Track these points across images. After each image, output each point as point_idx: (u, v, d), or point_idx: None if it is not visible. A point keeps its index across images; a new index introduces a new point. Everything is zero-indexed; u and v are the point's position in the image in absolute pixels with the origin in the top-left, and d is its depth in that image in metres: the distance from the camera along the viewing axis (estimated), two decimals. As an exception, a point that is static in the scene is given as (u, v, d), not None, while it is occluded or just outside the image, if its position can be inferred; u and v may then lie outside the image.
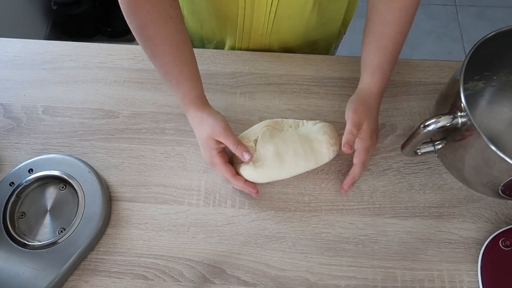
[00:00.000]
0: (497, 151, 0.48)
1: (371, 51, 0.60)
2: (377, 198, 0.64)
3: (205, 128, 0.59)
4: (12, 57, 0.75)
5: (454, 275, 0.59)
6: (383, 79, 0.60)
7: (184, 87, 0.59)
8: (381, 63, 0.60)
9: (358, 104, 0.59)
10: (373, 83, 0.60)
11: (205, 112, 0.60)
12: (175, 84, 0.59)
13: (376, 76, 0.60)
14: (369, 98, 0.60)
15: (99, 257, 0.60)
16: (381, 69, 0.60)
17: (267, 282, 0.59)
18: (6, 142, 0.68)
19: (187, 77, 0.59)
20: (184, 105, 0.61)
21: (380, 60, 0.60)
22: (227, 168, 0.60)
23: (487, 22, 1.92)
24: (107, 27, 1.82)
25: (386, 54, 0.60)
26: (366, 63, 0.61)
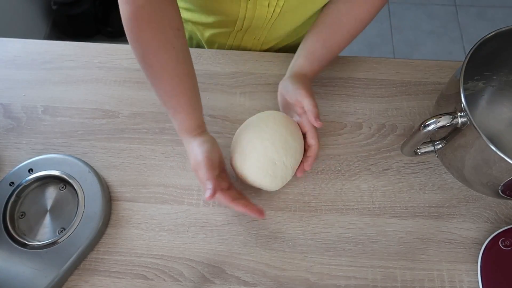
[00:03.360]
0: (497, 151, 0.48)
1: (316, 42, 0.64)
2: (377, 198, 0.64)
3: (192, 157, 0.58)
4: (12, 57, 0.75)
5: (454, 275, 0.59)
6: (317, 71, 0.65)
7: (180, 117, 0.59)
8: (321, 58, 0.65)
9: (303, 82, 0.62)
10: (309, 70, 0.64)
11: (196, 141, 0.58)
12: (172, 113, 0.59)
13: (314, 66, 0.64)
14: (306, 80, 0.63)
15: (99, 257, 0.60)
16: (320, 63, 0.65)
17: (267, 282, 0.59)
18: (6, 142, 0.68)
19: (185, 108, 0.59)
20: (180, 133, 0.60)
21: (322, 54, 0.64)
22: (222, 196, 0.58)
23: (487, 22, 1.92)
24: (107, 27, 1.82)
25: (328, 51, 0.65)
26: (308, 52, 0.65)
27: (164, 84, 0.57)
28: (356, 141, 0.68)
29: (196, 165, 0.57)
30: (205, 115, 0.70)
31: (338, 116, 0.70)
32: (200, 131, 0.60)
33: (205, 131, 0.61)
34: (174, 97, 0.58)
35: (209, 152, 0.57)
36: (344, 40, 0.64)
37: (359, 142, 0.68)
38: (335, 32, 0.63)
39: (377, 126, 0.69)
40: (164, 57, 0.56)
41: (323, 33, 0.64)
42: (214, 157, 0.58)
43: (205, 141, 0.59)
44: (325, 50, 0.64)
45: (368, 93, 0.72)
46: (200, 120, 0.60)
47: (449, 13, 1.95)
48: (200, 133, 0.60)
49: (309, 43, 0.65)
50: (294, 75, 0.63)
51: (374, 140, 0.68)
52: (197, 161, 0.57)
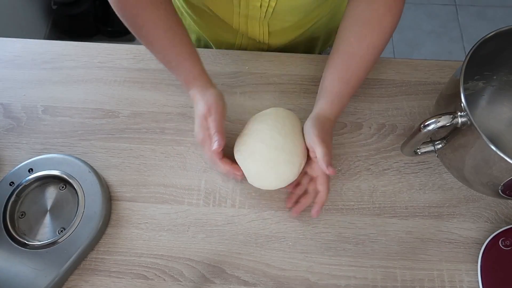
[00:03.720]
0: (497, 151, 0.48)
1: (333, 80, 0.62)
2: (377, 198, 0.64)
3: (202, 105, 0.58)
4: (12, 57, 0.75)
5: (454, 274, 0.59)
6: (340, 109, 0.62)
7: (185, 66, 0.59)
8: (341, 94, 0.61)
9: (320, 128, 0.59)
10: (330, 111, 0.61)
11: (209, 91, 0.59)
12: (175, 65, 0.60)
13: (335, 105, 0.61)
14: (328, 125, 0.61)
15: (99, 257, 0.60)
16: (340, 100, 0.62)
17: (267, 282, 0.59)
18: (6, 141, 0.68)
19: (186, 56, 0.60)
20: (187, 84, 0.60)
21: (341, 90, 0.61)
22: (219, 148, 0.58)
23: (487, 22, 1.92)
24: (107, 26, 1.82)
25: (347, 86, 0.61)
26: (327, 90, 0.62)
27: (160, 38, 0.58)
28: (356, 141, 0.68)
29: (207, 112, 0.57)
30: (205, 115, 0.70)
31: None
32: (208, 80, 0.61)
33: (213, 84, 0.61)
34: (173, 48, 0.59)
35: (222, 105, 0.58)
36: (360, 70, 0.61)
37: (359, 142, 0.68)
38: (349, 65, 0.61)
39: (377, 126, 0.69)
40: (155, 13, 0.57)
41: (338, 69, 0.62)
42: (224, 110, 0.58)
43: (218, 94, 0.60)
44: (343, 85, 0.61)
45: (368, 93, 0.72)
46: (204, 69, 0.61)
47: (449, 13, 1.95)
48: (210, 83, 0.60)
49: (327, 83, 0.62)
50: (315, 117, 0.61)
51: (374, 140, 0.68)
52: (210, 109, 0.57)
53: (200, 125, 0.59)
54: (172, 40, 0.59)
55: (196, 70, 0.60)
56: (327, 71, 0.63)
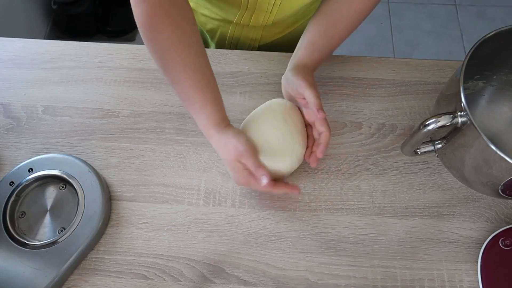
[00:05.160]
0: (497, 151, 0.48)
1: (317, 32, 0.64)
2: (377, 198, 0.64)
3: (230, 149, 0.57)
4: (12, 56, 0.75)
5: (454, 274, 0.59)
6: (319, 62, 0.65)
7: (207, 110, 0.58)
8: (322, 48, 0.64)
9: (303, 74, 0.61)
10: (310, 61, 0.63)
11: (229, 133, 0.59)
12: (199, 108, 0.58)
13: (315, 56, 0.64)
14: (306, 71, 0.62)
15: (99, 257, 0.60)
16: (320, 53, 0.64)
17: (267, 282, 0.59)
18: (6, 141, 0.68)
19: (211, 101, 0.58)
20: (207, 129, 0.59)
21: (323, 44, 0.64)
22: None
23: (487, 21, 1.92)
24: (107, 26, 1.82)
25: (329, 42, 0.64)
26: (308, 42, 0.64)
27: (187, 79, 0.57)
28: (356, 140, 0.68)
29: (240, 155, 0.57)
30: (205, 114, 0.70)
31: (338, 116, 0.70)
32: (228, 123, 0.60)
33: (231, 125, 0.61)
34: (199, 91, 0.58)
35: (249, 142, 0.58)
36: (344, 30, 0.64)
37: (359, 142, 0.68)
38: (334, 22, 0.63)
39: (377, 125, 0.69)
40: (185, 52, 0.56)
41: (323, 24, 0.64)
42: (252, 146, 0.58)
43: (239, 133, 0.59)
44: (325, 40, 0.64)
45: (368, 92, 0.72)
46: (225, 114, 0.61)
47: (449, 13, 1.95)
48: (229, 126, 0.60)
49: (309, 34, 0.64)
50: (294, 67, 0.63)
51: (374, 139, 0.68)
52: (240, 151, 0.57)
53: (235, 169, 0.58)
54: (199, 82, 0.58)
55: (218, 115, 0.59)
56: (311, 23, 0.65)
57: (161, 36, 0.55)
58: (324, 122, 0.60)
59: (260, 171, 0.56)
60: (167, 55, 0.56)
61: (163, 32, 0.54)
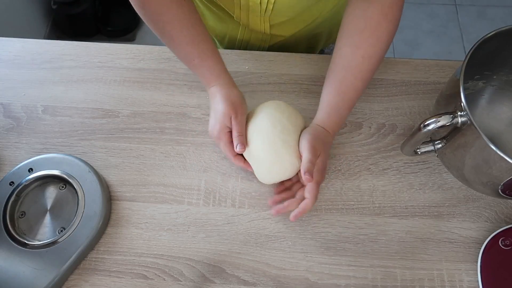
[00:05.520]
0: (497, 151, 0.48)
1: (330, 93, 0.62)
2: (377, 198, 0.64)
3: (227, 104, 0.59)
4: (12, 56, 0.75)
5: (454, 274, 0.59)
6: (338, 121, 0.62)
7: (208, 63, 0.60)
8: (338, 106, 0.61)
9: (314, 137, 0.59)
10: (328, 123, 0.61)
11: (234, 90, 0.61)
12: (198, 62, 0.60)
13: (332, 117, 0.61)
14: (324, 135, 0.61)
15: (99, 257, 0.60)
16: (338, 112, 0.61)
17: (267, 282, 0.59)
18: (6, 141, 0.68)
19: (209, 54, 0.61)
20: (210, 81, 0.61)
21: (337, 103, 0.61)
22: (230, 147, 0.60)
23: (487, 21, 1.92)
24: (107, 26, 1.82)
25: (344, 98, 0.61)
26: (324, 103, 0.62)
27: (184, 36, 0.59)
28: (356, 140, 0.68)
29: (233, 112, 0.59)
30: (206, 114, 0.70)
31: (338, 116, 0.70)
32: (232, 81, 0.62)
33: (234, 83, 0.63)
34: (196, 46, 0.59)
35: (246, 108, 0.60)
36: (357, 81, 0.60)
37: (359, 142, 0.68)
38: (345, 77, 0.60)
39: (377, 125, 0.69)
40: (178, 11, 0.58)
41: (334, 82, 0.61)
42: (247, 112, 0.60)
43: (243, 96, 0.61)
44: (339, 98, 0.61)
45: (368, 92, 0.72)
46: (226, 68, 0.62)
47: (449, 13, 1.95)
48: (235, 85, 0.62)
49: (324, 96, 0.62)
50: (311, 126, 0.62)
51: (374, 139, 0.68)
52: (236, 109, 0.59)
53: (219, 121, 0.60)
54: (196, 37, 0.60)
55: (219, 67, 0.62)
56: (326, 82, 0.63)
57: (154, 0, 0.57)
58: (313, 190, 0.57)
59: (238, 139, 0.58)
60: (162, 17, 0.58)
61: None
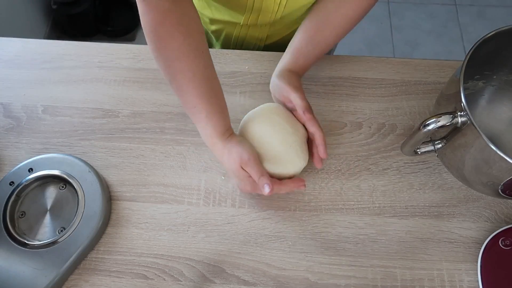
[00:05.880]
0: (497, 151, 0.48)
1: (303, 39, 0.64)
2: (377, 198, 0.64)
3: (235, 157, 0.58)
4: (12, 56, 0.75)
5: (454, 274, 0.59)
6: (303, 68, 0.65)
7: (213, 121, 0.58)
8: (308, 54, 0.64)
9: (288, 79, 0.62)
10: (295, 66, 0.64)
11: (233, 141, 0.59)
12: (204, 117, 0.58)
13: (300, 62, 0.64)
14: (292, 76, 0.63)
15: (99, 257, 0.60)
16: (305, 59, 0.65)
17: (267, 282, 0.59)
18: (6, 141, 0.68)
19: (218, 110, 0.58)
20: (212, 138, 0.59)
21: (308, 51, 0.64)
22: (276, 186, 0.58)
23: (487, 21, 1.92)
24: (107, 26, 1.82)
25: (315, 48, 0.64)
26: (294, 48, 0.65)
27: (195, 88, 0.56)
28: (356, 140, 0.68)
29: (244, 163, 0.57)
30: (205, 114, 0.70)
31: (338, 116, 0.70)
32: (232, 132, 0.61)
33: (234, 133, 0.61)
34: (206, 101, 0.57)
35: (253, 150, 0.59)
36: (331, 37, 0.64)
37: (359, 142, 0.68)
38: (322, 29, 0.63)
39: (377, 125, 0.69)
40: (194, 62, 0.55)
41: (310, 30, 0.64)
42: (256, 154, 0.59)
43: (243, 141, 0.59)
44: (311, 46, 0.64)
45: (368, 92, 0.72)
46: (230, 123, 0.61)
47: (449, 13, 1.95)
48: (233, 134, 0.60)
49: (296, 41, 0.65)
50: (279, 72, 0.64)
51: (374, 139, 0.68)
52: (245, 159, 0.57)
53: (239, 177, 0.58)
54: (207, 92, 0.57)
55: (224, 124, 0.59)
56: (299, 30, 0.65)
57: (171, 45, 0.54)
58: (314, 123, 0.60)
59: (262, 180, 0.56)
60: (175, 64, 0.55)
61: (173, 41, 0.54)
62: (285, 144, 0.60)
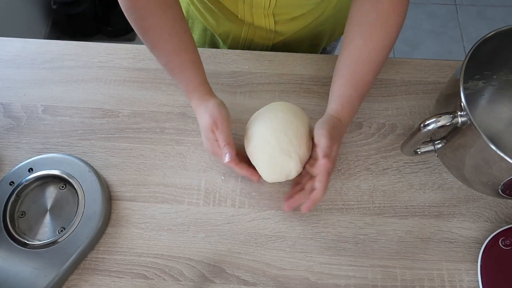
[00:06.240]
0: (497, 151, 0.48)
1: (342, 84, 0.61)
2: (377, 198, 0.64)
3: (207, 118, 0.58)
4: (12, 56, 0.75)
5: (454, 274, 0.59)
6: (351, 113, 0.61)
7: (187, 74, 0.60)
8: (351, 98, 0.61)
9: (331, 125, 0.58)
10: (342, 114, 0.61)
11: (210, 101, 0.59)
12: (178, 72, 0.60)
13: (346, 109, 0.61)
14: (338, 125, 0.60)
15: (99, 256, 0.60)
16: (351, 104, 0.61)
17: (267, 281, 0.59)
18: (6, 141, 0.68)
19: (190, 65, 0.60)
20: (188, 93, 0.61)
21: (350, 95, 0.61)
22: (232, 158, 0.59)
23: (487, 21, 1.92)
24: (107, 26, 1.82)
25: (357, 89, 0.61)
26: (337, 95, 0.62)
27: (166, 43, 0.58)
28: (356, 140, 0.68)
29: (215, 126, 0.57)
30: (205, 114, 0.70)
31: (338, 116, 0.70)
32: (209, 89, 0.61)
33: (213, 93, 0.61)
34: (177, 56, 0.58)
35: (227, 115, 0.58)
36: (369, 74, 0.61)
37: (359, 142, 0.68)
38: (356, 69, 0.60)
39: (377, 125, 0.69)
40: (162, 17, 0.57)
41: (346, 74, 0.61)
42: (229, 120, 0.58)
43: (220, 104, 0.59)
44: (351, 90, 0.61)
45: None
46: (206, 79, 0.61)
47: (449, 12, 1.95)
48: (211, 94, 0.61)
49: (336, 88, 0.62)
50: (326, 117, 0.61)
51: (374, 139, 0.68)
52: (217, 122, 0.57)
53: (207, 138, 0.60)
54: (177, 46, 0.59)
55: (198, 79, 0.60)
56: (336, 74, 0.62)
57: (139, 4, 0.56)
58: (324, 179, 0.56)
59: (226, 149, 0.56)
60: (144, 22, 0.57)
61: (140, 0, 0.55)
62: (288, 145, 0.59)
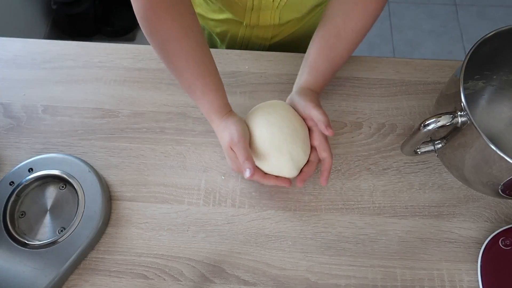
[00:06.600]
0: (497, 151, 0.48)
1: (317, 58, 0.64)
2: (377, 198, 0.64)
3: (226, 136, 0.59)
4: (12, 56, 0.75)
5: (454, 274, 0.59)
6: (323, 84, 0.65)
7: (209, 97, 0.60)
8: (325, 72, 0.64)
9: (309, 96, 0.61)
10: (315, 85, 0.64)
11: (228, 120, 0.60)
12: (201, 95, 0.60)
13: (319, 82, 0.64)
14: (313, 94, 0.63)
15: (99, 257, 0.60)
16: (324, 77, 0.64)
17: (267, 281, 0.59)
18: (6, 141, 0.68)
19: (212, 88, 0.60)
20: (209, 115, 0.61)
21: (325, 68, 0.64)
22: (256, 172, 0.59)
23: (487, 21, 1.92)
24: (107, 26, 1.82)
25: (330, 65, 0.64)
26: (311, 67, 0.64)
27: (189, 68, 0.58)
28: (356, 140, 0.68)
29: (232, 143, 0.58)
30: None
31: (338, 116, 0.70)
32: (229, 110, 0.62)
33: (233, 111, 0.62)
34: (200, 79, 0.59)
35: (245, 132, 0.59)
36: (345, 52, 0.64)
37: (359, 142, 0.68)
38: (334, 46, 0.63)
39: (377, 125, 0.69)
40: (186, 42, 0.57)
41: (324, 48, 0.64)
42: (247, 137, 0.59)
43: (238, 121, 0.60)
44: (327, 64, 0.64)
45: (368, 92, 0.72)
46: (227, 101, 0.62)
47: (449, 13, 1.95)
48: (231, 113, 0.62)
49: (311, 59, 0.64)
50: (300, 90, 0.63)
51: (374, 139, 0.68)
52: (234, 140, 0.57)
53: (228, 156, 0.60)
54: (200, 70, 0.59)
55: (219, 102, 0.61)
56: (312, 47, 0.65)
57: (162, 28, 0.56)
58: (326, 147, 0.60)
59: (246, 164, 0.56)
60: (167, 46, 0.57)
61: (163, 24, 0.55)
62: (281, 151, 0.59)
